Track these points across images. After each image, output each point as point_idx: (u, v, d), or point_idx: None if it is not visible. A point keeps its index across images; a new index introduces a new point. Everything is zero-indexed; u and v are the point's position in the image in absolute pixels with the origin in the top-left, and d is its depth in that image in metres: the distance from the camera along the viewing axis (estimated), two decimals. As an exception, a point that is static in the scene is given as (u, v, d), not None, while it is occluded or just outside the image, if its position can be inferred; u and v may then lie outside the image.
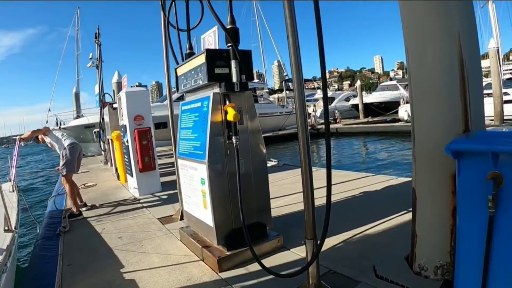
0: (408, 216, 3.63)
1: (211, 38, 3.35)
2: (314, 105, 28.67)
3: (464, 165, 1.88)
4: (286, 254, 3.21)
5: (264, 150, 3.29)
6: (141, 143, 6.32)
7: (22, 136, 6.19)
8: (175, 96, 20.42)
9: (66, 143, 5.50)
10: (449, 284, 2.11)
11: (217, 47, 3.28)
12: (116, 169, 9.36)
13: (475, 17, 2.52)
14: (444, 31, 2.32)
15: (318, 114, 25.65)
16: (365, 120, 25.37)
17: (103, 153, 13.32)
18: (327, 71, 2.61)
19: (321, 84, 2.29)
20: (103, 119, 12.85)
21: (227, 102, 2.92)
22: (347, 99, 35.07)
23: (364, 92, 33.32)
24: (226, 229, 3.05)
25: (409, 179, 5.62)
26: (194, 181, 3.23)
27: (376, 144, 17.95)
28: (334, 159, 12.44)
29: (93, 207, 5.80)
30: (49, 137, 5.67)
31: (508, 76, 23.76)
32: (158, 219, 4.93)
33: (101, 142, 12.66)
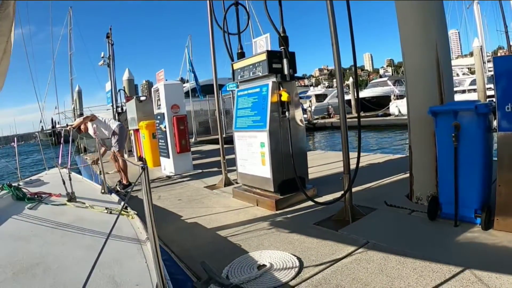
0: (404, 176, 4.89)
1: (263, 42, 4.55)
2: (310, 101, 30.02)
3: (439, 120, 3.21)
4: (320, 199, 4.43)
5: (303, 124, 4.51)
6: (178, 128, 7.46)
7: (73, 125, 7.20)
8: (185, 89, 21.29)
9: (114, 124, 6.46)
10: (435, 198, 3.34)
11: (269, 49, 4.46)
12: (140, 157, 10.43)
13: (447, 27, 3.83)
14: (426, 38, 3.61)
15: (312, 109, 27.02)
16: (357, 115, 26.67)
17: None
18: (316, 69, 3.92)
19: (313, 82, 3.58)
20: (118, 113, 13.86)
21: (281, 88, 4.13)
22: (340, 96, 36.38)
23: (355, 89, 34.67)
24: (279, 180, 4.26)
25: (404, 155, 6.94)
26: (253, 146, 4.43)
27: (369, 136, 19.31)
28: (331, 149, 13.72)
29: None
30: (95, 122, 6.50)
31: None
32: (204, 187, 6.08)
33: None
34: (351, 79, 31.96)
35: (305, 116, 25.12)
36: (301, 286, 2.40)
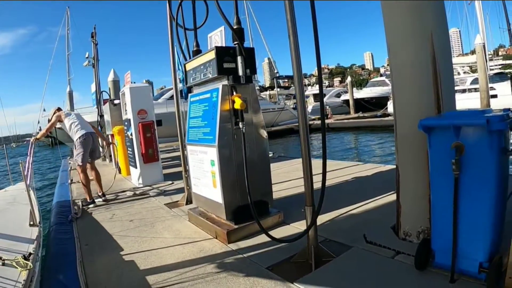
0: (392, 196, 4.06)
1: (218, 37, 3.74)
2: (306, 101, 29.14)
3: (433, 138, 2.32)
4: (286, 228, 3.63)
5: (266, 136, 3.69)
6: (145, 135, 6.67)
7: (37, 136, 6.42)
8: (169, 94, 20.56)
9: (77, 135, 5.52)
10: (427, 241, 2.53)
11: (223, 45, 3.65)
12: (117, 164, 9.68)
13: (447, 17, 2.95)
14: (417, 29, 2.75)
15: (309, 110, 26.22)
16: (356, 115, 25.92)
17: (101, 149, 13.58)
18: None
19: (311, 81, 2.70)
20: (101, 116, 13.10)
21: (234, 93, 3.31)
22: (338, 95, 35.66)
23: (354, 88, 33.92)
24: (233, 205, 3.44)
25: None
26: (204, 164, 3.62)
27: (366, 137, 18.49)
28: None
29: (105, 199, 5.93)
30: (69, 119, 5.70)
31: (497, 71, 24.40)
32: (164, 204, 5.30)
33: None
34: (349, 78, 31.20)
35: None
36: None
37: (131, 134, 6.91)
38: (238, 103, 3.22)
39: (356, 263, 2.74)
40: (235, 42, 3.32)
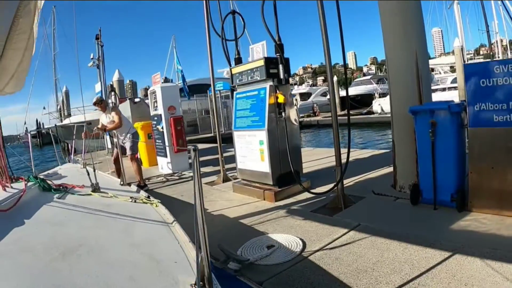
0: (388, 169, 5.38)
1: (259, 48, 4.96)
2: (296, 100, 30.55)
3: (418, 118, 3.75)
4: (313, 191, 4.88)
5: (298, 123, 4.96)
6: (176, 128, 7.81)
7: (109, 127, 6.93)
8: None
9: (130, 128, 6.50)
10: (416, 185, 3.84)
11: (265, 55, 4.86)
12: (136, 157, 10.69)
13: (426, 36, 4.34)
14: (407, 46, 4.12)
15: (298, 108, 27.57)
16: (342, 113, 27.34)
17: (110, 145, 14.49)
18: (300, 67, 4.42)
19: (297, 80, 4.03)
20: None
21: (277, 91, 4.56)
22: (324, 94, 37.02)
23: (339, 87, 35.45)
24: (277, 173, 4.70)
25: (386, 150, 7.48)
26: (252, 144, 4.86)
27: (353, 133, 19.94)
28: (318, 146, 14.24)
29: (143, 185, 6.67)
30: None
31: None
32: (204, 183, 6.42)
33: (109, 136, 13.66)
34: (335, 78, 32.68)
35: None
36: (306, 260, 2.85)
37: (162, 128, 8.02)
38: (281, 98, 4.49)
39: (371, 204, 4.07)
40: (277, 54, 4.58)
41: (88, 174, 3.92)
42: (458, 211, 3.42)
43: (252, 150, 4.90)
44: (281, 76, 4.59)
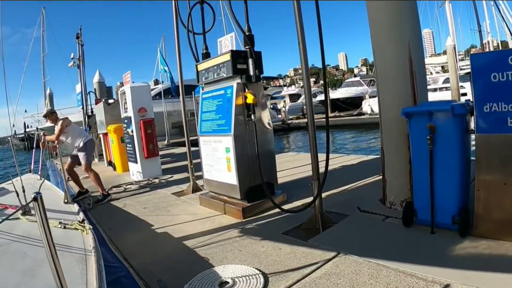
0: (377, 178, 4.75)
1: (228, 41, 4.28)
2: (284, 101, 30.02)
3: (413, 121, 3.05)
4: (289, 206, 4.22)
5: (271, 127, 4.29)
6: (146, 132, 7.11)
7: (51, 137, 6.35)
8: (153, 92, 20.62)
9: (81, 139, 5.76)
10: (410, 203, 3.19)
11: (233, 48, 4.20)
12: (110, 162, 9.97)
13: (421, 28, 3.69)
14: (398, 38, 3.45)
15: (287, 109, 26.99)
16: (333, 114, 26.88)
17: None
18: (291, 69, 3.71)
19: (288, 82, 3.36)
20: (88, 116, 13.27)
21: (246, 90, 3.89)
22: (314, 96, 36.64)
23: (329, 89, 35.07)
24: (246, 186, 4.02)
25: (377, 156, 6.84)
26: (218, 151, 4.18)
27: (345, 135, 19.40)
28: (306, 149, 13.61)
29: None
30: (71, 128, 5.79)
31: (468, 70, 25.87)
32: (171, 194, 5.77)
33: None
34: (321, 82, 32.23)
35: (280, 116, 25.02)
36: (264, 309, 2.17)
37: (132, 131, 7.32)
38: (250, 98, 3.81)
39: (355, 225, 3.40)
40: (247, 46, 3.91)
41: (18, 195, 3.32)
42: (461, 236, 2.77)
43: (218, 159, 4.23)
44: (251, 73, 3.92)
